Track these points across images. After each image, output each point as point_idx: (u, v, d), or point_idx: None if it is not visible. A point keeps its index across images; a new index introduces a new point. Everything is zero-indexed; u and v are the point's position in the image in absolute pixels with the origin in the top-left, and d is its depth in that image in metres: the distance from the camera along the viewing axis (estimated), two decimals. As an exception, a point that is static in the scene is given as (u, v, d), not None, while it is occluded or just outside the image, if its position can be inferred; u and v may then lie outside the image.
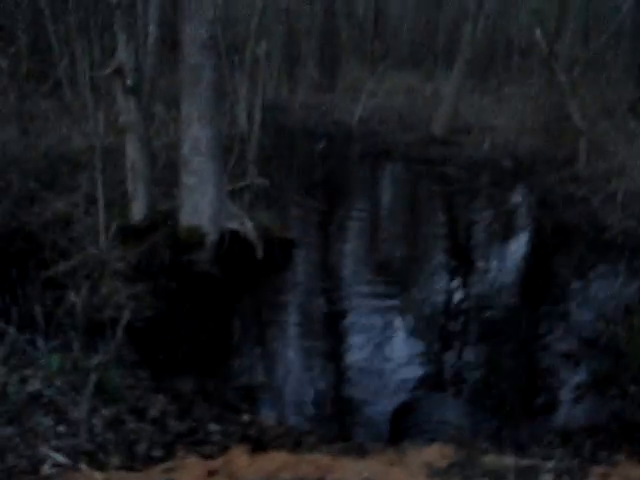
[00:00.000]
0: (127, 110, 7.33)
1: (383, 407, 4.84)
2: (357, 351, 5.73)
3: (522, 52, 19.56)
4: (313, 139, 15.07)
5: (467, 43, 13.75)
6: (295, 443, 4.05)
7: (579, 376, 5.39)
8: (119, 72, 7.20)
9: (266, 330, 6.21)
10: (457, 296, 7.18)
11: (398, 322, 6.31)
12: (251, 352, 5.74)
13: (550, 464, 3.80)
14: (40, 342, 4.88)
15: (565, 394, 5.13)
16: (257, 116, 9.55)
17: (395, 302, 6.78)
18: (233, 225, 7.57)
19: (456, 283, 7.59)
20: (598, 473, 3.71)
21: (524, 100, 14.70)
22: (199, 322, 6.25)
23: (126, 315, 5.23)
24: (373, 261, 8.04)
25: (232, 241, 7.44)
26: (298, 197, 10.24)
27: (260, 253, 7.54)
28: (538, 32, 11.75)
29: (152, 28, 12.90)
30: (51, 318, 5.22)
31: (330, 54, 21.09)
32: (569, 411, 4.91)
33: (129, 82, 7.20)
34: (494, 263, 8.04)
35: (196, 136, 7.10)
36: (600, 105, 11.81)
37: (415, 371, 5.43)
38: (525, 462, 3.83)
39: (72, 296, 5.49)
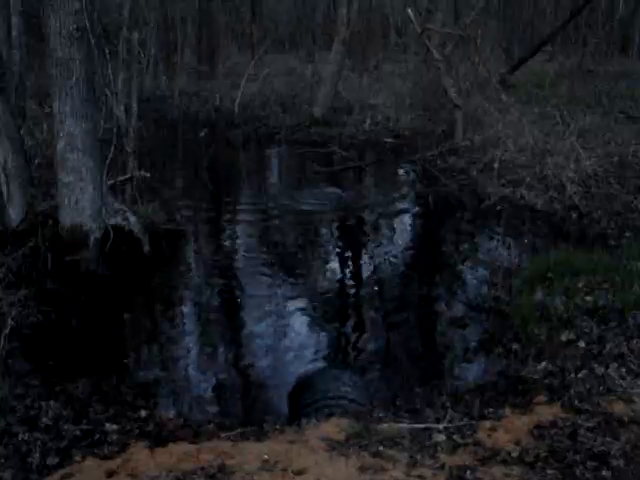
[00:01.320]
0: (-7, 107, 6.98)
1: (279, 389, 4.94)
2: (251, 337, 5.81)
3: (398, 30, 20.09)
4: (195, 127, 14.89)
5: (342, 23, 13.95)
6: (194, 434, 4.07)
7: (467, 339, 5.69)
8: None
9: (158, 325, 6.16)
10: (348, 271, 7.37)
11: (291, 304, 6.41)
12: (144, 349, 5.68)
13: (442, 425, 4.04)
14: None
15: (455, 357, 5.41)
16: (134, 107, 9.37)
17: (287, 286, 6.88)
18: (116, 221, 7.38)
19: (346, 259, 7.78)
20: (486, 428, 3.98)
21: (402, 78, 15.15)
22: (89, 323, 6.08)
23: (9, 323, 5.05)
24: (261, 248, 8.06)
25: (117, 237, 7.26)
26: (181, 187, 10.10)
27: (146, 247, 7.42)
28: (410, 11, 12.11)
29: (15, 20, 12.32)
30: None
31: (208, 40, 20.82)
32: (459, 373, 5.20)
33: (-7, 78, 6.87)
34: (381, 236, 8.28)
35: (71, 132, 6.83)
36: (473, 80, 12.35)
37: (310, 349, 5.56)
38: (419, 426, 4.04)
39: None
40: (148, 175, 8.34)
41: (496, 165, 9.83)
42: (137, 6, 16.71)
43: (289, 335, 5.81)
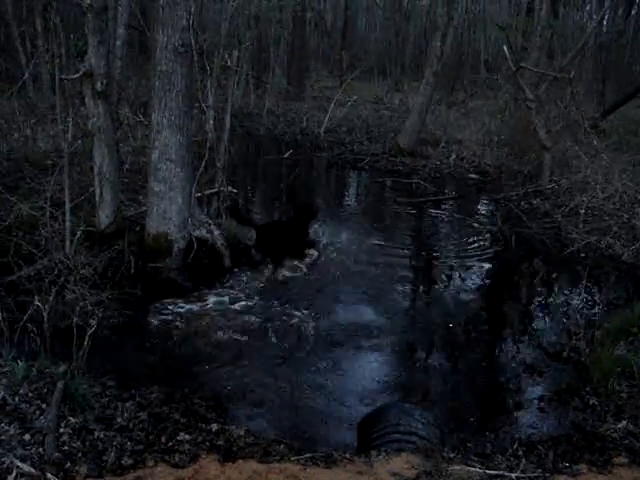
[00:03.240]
0: (96, 114, 7.25)
1: (351, 416, 4.90)
2: (326, 360, 5.78)
3: (489, 67, 19.94)
4: (280, 147, 15.13)
5: (435, 55, 13.94)
6: (264, 453, 4.06)
7: (542, 388, 5.53)
8: (89, 76, 7.15)
9: (233, 340, 6.18)
10: (423, 307, 7.27)
11: (365, 333, 6.36)
12: (218, 361, 5.71)
13: (515, 474, 3.91)
14: (4, 349, 4.81)
15: (528, 405, 5.25)
16: (227, 123, 9.59)
17: (362, 314, 6.85)
18: (201, 233, 7.57)
19: (421, 294, 7.70)
20: (561, 483, 3.83)
21: (490, 114, 15.00)
22: (165, 330, 6.23)
23: (94, 323, 5.20)
24: (336, 273, 8.05)
25: (200, 249, 7.43)
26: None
27: (227, 262, 7.56)
28: (506, 48, 12.00)
29: (120, 31, 12.84)
30: (15, 324, 5.17)
31: (298, 62, 21.19)
32: (532, 422, 5.03)
33: (99, 86, 7.15)
34: (459, 275, 8.11)
35: (166, 143, 7.06)
36: (564, 122, 12.11)
37: (382, 382, 5.50)
38: (491, 472, 3.93)
39: (37, 301, 5.40)
40: (235, 191, 8.50)
41: (582, 211, 9.57)
42: (234, 25, 17.27)
43: (364, 365, 5.78)
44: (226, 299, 7.04)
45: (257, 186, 11.86)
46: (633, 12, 19.74)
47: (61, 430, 4.03)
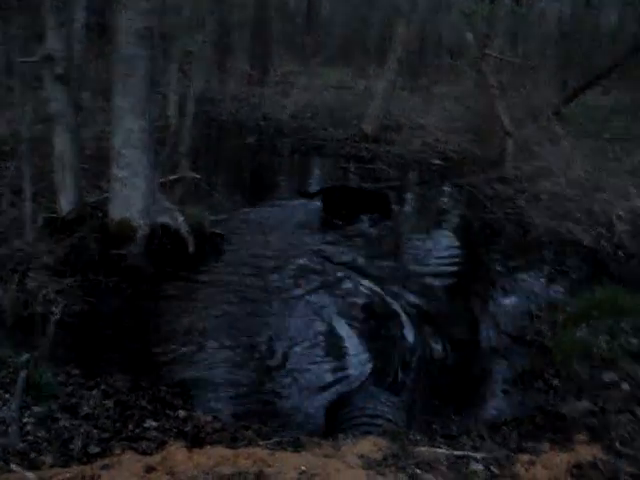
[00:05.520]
0: (56, 99, 7.13)
1: (318, 401, 4.94)
2: (292, 345, 5.78)
3: (452, 53, 20.03)
4: (243, 133, 15.03)
5: (399, 41, 13.97)
6: (232, 438, 4.08)
7: (506, 371, 5.63)
8: (48, 59, 7.00)
9: (198, 325, 6.15)
10: (382, 291, 7.24)
11: (331, 317, 6.40)
12: (184, 347, 5.68)
13: (480, 454, 3.99)
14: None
15: (493, 388, 5.37)
16: (190, 108, 9.50)
17: (329, 296, 6.88)
18: (164, 219, 7.48)
19: (382, 276, 7.68)
20: (523, 461, 3.92)
21: (454, 100, 15.11)
22: (130, 317, 6.18)
23: (57, 311, 5.15)
24: (302, 254, 8.04)
25: (163, 235, 7.37)
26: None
27: (191, 248, 7.51)
28: (469, 35, 12.09)
29: (80, 14, 12.59)
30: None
31: (262, 47, 21.00)
32: (497, 404, 5.14)
33: (58, 70, 7.01)
34: (421, 261, 8.19)
35: (129, 128, 6.97)
36: (527, 108, 12.25)
37: (349, 366, 5.55)
38: (457, 453, 4.00)
39: (-2, 290, 5.31)
40: (198, 177, 8.42)
41: (544, 197, 9.72)
42: (195, 9, 17.05)
43: (329, 348, 5.82)
44: (191, 284, 7.01)
45: (221, 172, 11.77)
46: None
47: (25, 420, 3.98)
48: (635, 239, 8.24)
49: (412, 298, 7.00)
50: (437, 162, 12.98)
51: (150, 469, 3.53)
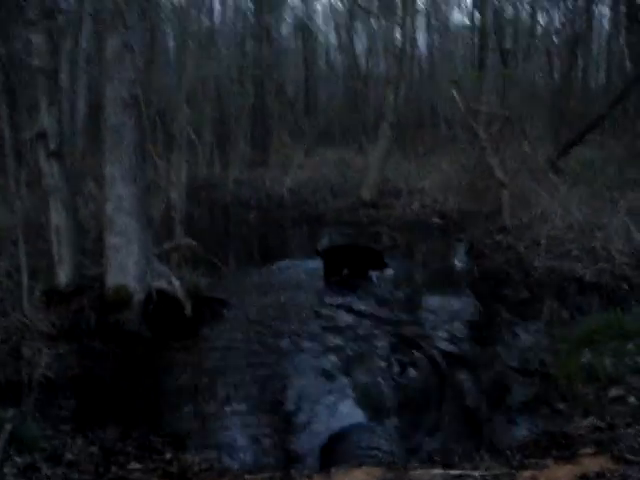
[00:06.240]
0: (50, 174, 7.30)
1: (311, 442, 4.77)
2: (285, 395, 5.70)
3: (448, 122, 20.44)
4: (246, 211, 15.25)
5: (389, 107, 14.32)
6: (219, 475, 3.93)
7: (511, 401, 5.50)
8: (42, 136, 7.22)
9: (193, 384, 6.01)
10: (393, 335, 7.15)
11: (331, 362, 6.33)
12: (178, 404, 5.55)
13: (478, 472, 3.80)
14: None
15: (497, 417, 5.20)
16: (182, 179, 9.71)
17: (324, 347, 6.79)
18: (160, 284, 7.47)
19: (392, 321, 7.60)
20: (526, 476, 3.72)
21: (449, 162, 15.35)
22: (126, 379, 6.08)
23: (39, 369, 5.12)
24: (302, 316, 7.98)
25: (160, 300, 7.34)
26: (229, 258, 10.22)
27: (188, 311, 7.46)
28: (454, 91, 12.37)
29: (81, 104, 13.10)
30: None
31: (261, 130, 21.61)
32: (501, 432, 4.94)
33: (52, 146, 7.22)
34: (429, 303, 8.26)
35: (120, 195, 7.09)
36: (520, 160, 12.40)
37: (347, 404, 5.42)
38: (454, 472, 3.82)
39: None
40: (195, 244, 8.46)
41: (543, 241, 9.68)
42: (196, 98, 17.71)
43: (326, 392, 5.70)
44: (188, 348, 6.93)
45: (220, 242, 11.85)
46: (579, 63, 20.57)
47: (6, 470, 3.86)
48: (637, 270, 8.12)
49: (417, 333, 6.98)
50: (437, 220, 13.05)
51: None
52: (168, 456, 4.19)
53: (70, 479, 3.74)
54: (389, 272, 9.56)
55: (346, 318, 7.77)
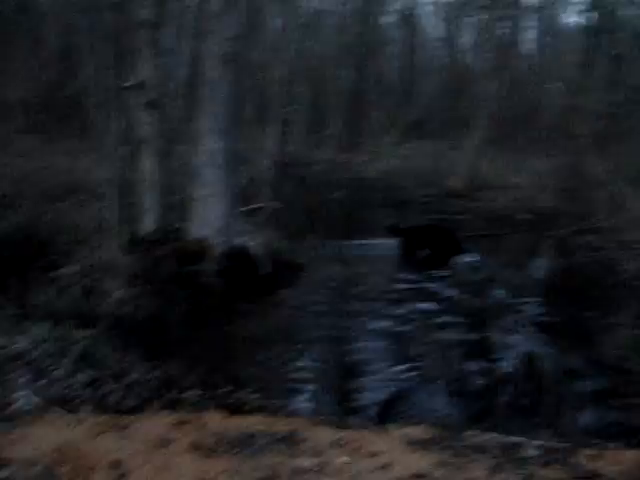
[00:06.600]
0: (145, 122, 7.52)
1: (372, 395, 4.78)
2: (351, 352, 5.77)
3: (549, 119, 19.66)
4: (333, 190, 15.23)
5: (489, 98, 13.99)
6: (274, 410, 3.95)
7: (585, 388, 5.30)
8: (140, 86, 7.45)
9: (259, 335, 6.10)
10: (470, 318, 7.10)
11: (398, 330, 6.34)
12: (242, 351, 5.70)
13: (537, 442, 3.65)
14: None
15: (570, 405, 4.97)
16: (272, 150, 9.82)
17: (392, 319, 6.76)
18: (241, 241, 7.60)
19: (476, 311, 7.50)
20: (587, 454, 3.55)
21: (546, 160, 14.83)
22: (195, 323, 6.22)
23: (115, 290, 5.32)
24: (374, 288, 7.97)
25: (240, 257, 7.46)
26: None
27: (265, 270, 7.55)
28: (558, 85, 11.93)
29: (184, 59, 13.35)
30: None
31: (357, 115, 21.56)
32: (570, 418, 4.73)
33: (150, 95, 7.43)
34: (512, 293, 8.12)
35: (210, 148, 7.23)
36: (621, 161, 11.82)
37: (411, 367, 5.39)
38: (511, 439, 3.69)
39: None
40: (279, 205, 8.55)
41: (636, 246, 9.21)
42: (292, 81, 17.90)
43: (390, 355, 5.70)
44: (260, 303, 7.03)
45: (305, 215, 11.89)
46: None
47: (73, 380, 4.02)
48: None
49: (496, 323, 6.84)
50: (526, 216, 12.59)
51: (182, 423, 3.47)
52: (226, 390, 4.24)
53: (130, 392, 3.83)
54: (470, 259, 9.38)
55: (416, 294, 7.74)
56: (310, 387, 5.02)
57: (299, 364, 5.50)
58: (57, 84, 12.57)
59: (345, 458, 3.20)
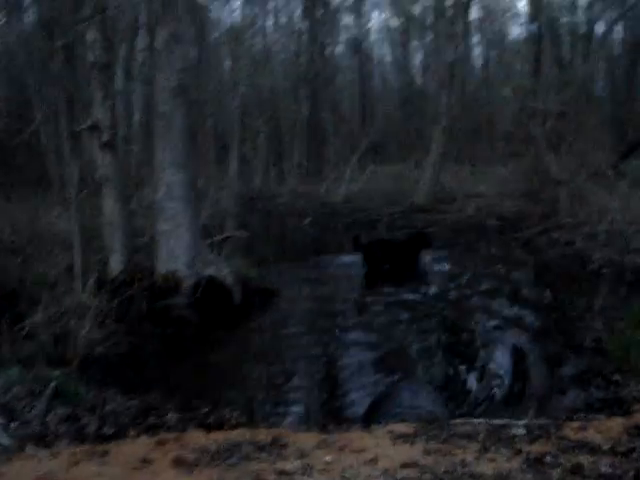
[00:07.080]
0: (103, 164, 7.49)
1: (355, 401, 4.77)
2: (330, 367, 5.78)
3: (503, 127, 20.01)
4: (300, 219, 15.30)
5: (442, 112, 14.22)
6: (255, 427, 3.88)
7: (564, 370, 5.35)
8: (95, 128, 7.43)
9: (237, 361, 6.02)
10: (456, 313, 7.27)
11: (375, 339, 6.40)
12: (221, 378, 5.57)
13: (522, 422, 3.65)
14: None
15: (551, 387, 5.04)
16: (234, 178, 9.84)
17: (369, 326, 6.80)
18: (210, 271, 7.53)
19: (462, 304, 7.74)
20: (573, 427, 3.56)
21: (505, 166, 15.11)
22: (170, 356, 6.14)
23: (83, 331, 5.22)
24: (349, 307, 7.98)
25: (209, 287, 7.38)
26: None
27: (237, 298, 7.50)
28: (507, 89, 12.19)
29: (137, 98, 13.38)
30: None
31: (316, 144, 21.76)
32: (553, 399, 4.75)
33: (105, 137, 7.41)
34: (489, 290, 8.32)
35: (170, 181, 7.20)
36: (577, 159, 12.06)
37: (391, 371, 5.35)
38: (497, 422, 3.69)
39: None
40: (245, 234, 8.53)
41: (602, 236, 9.40)
42: (248, 116, 18.05)
43: (369, 364, 5.69)
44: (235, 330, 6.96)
45: (273, 243, 11.93)
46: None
47: (48, 419, 3.92)
48: None
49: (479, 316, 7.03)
50: (492, 222, 12.77)
51: (162, 443, 3.40)
52: (205, 409, 4.17)
53: (107, 421, 3.74)
54: (440, 267, 9.48)
55: (386, 306, 7.76)
56: (289, 400, 4.98)
57: (278, 383, 5.41)
58: (8, 133, 12.38)
59: (330, 457, 3.15)
